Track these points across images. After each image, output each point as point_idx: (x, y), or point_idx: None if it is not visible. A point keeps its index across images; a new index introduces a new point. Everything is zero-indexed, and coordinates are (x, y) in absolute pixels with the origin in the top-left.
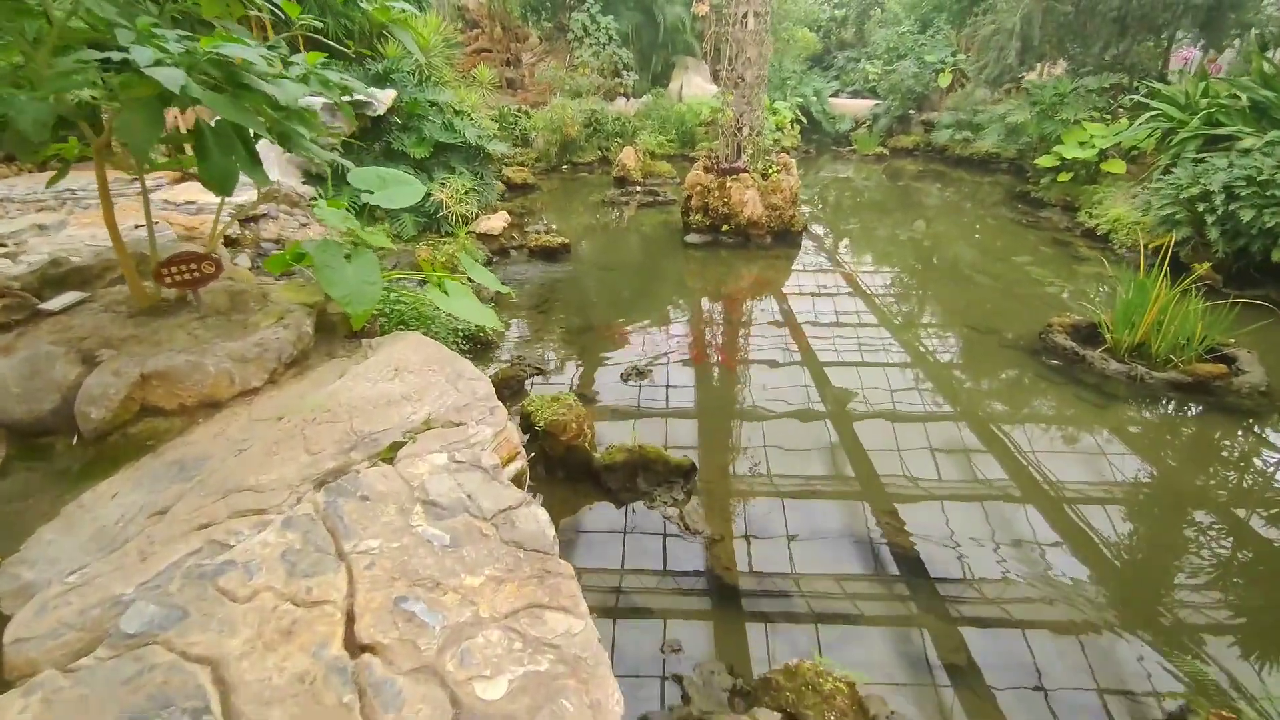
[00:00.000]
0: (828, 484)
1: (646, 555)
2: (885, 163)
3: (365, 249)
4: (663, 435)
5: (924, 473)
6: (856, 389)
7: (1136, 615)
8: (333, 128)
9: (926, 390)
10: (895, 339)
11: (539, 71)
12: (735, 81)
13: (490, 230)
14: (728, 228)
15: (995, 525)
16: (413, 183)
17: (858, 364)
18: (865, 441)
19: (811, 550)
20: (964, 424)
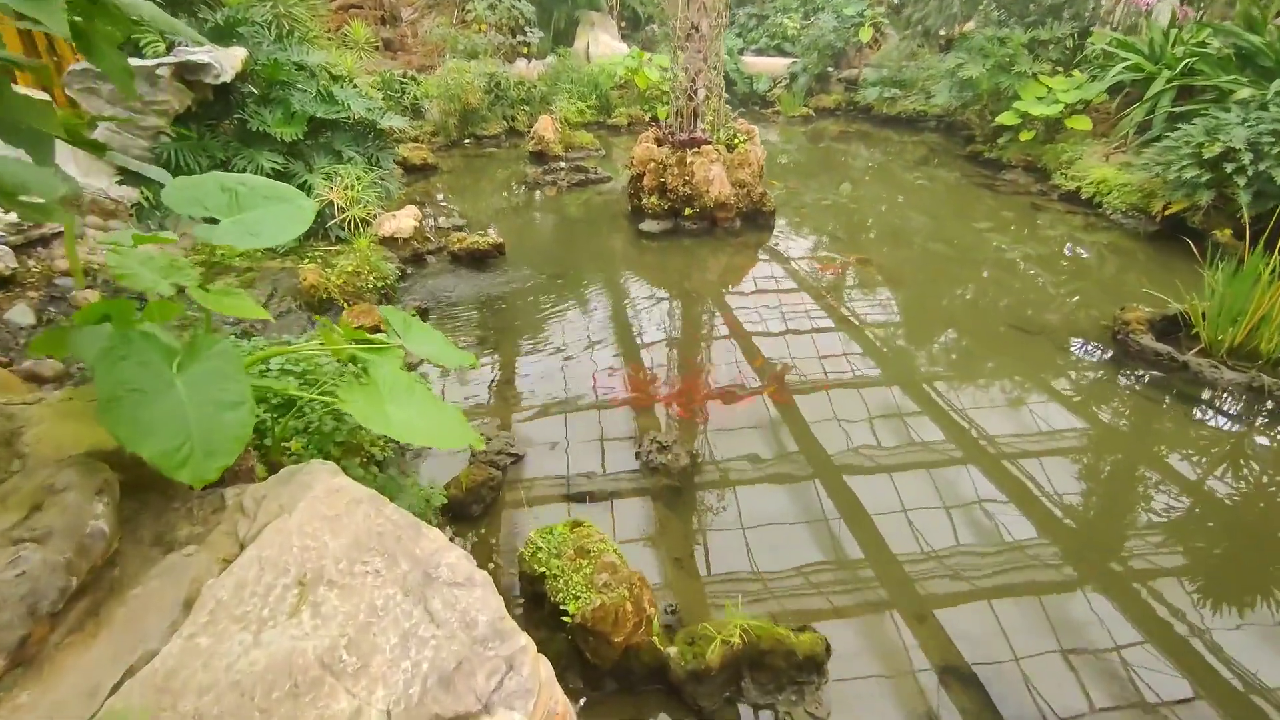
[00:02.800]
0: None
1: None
2: (811, 124)
3: (210, 338)
4: (744, 556)
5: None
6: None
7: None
8: (155, 102)
9: (1047, 443)
10: (935, 356)
11: (424, 30)
12: (688, 32)
13: (398, 232)
14: (690, 211)
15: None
16: (290, 196)
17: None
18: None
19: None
20: (1110, 474)
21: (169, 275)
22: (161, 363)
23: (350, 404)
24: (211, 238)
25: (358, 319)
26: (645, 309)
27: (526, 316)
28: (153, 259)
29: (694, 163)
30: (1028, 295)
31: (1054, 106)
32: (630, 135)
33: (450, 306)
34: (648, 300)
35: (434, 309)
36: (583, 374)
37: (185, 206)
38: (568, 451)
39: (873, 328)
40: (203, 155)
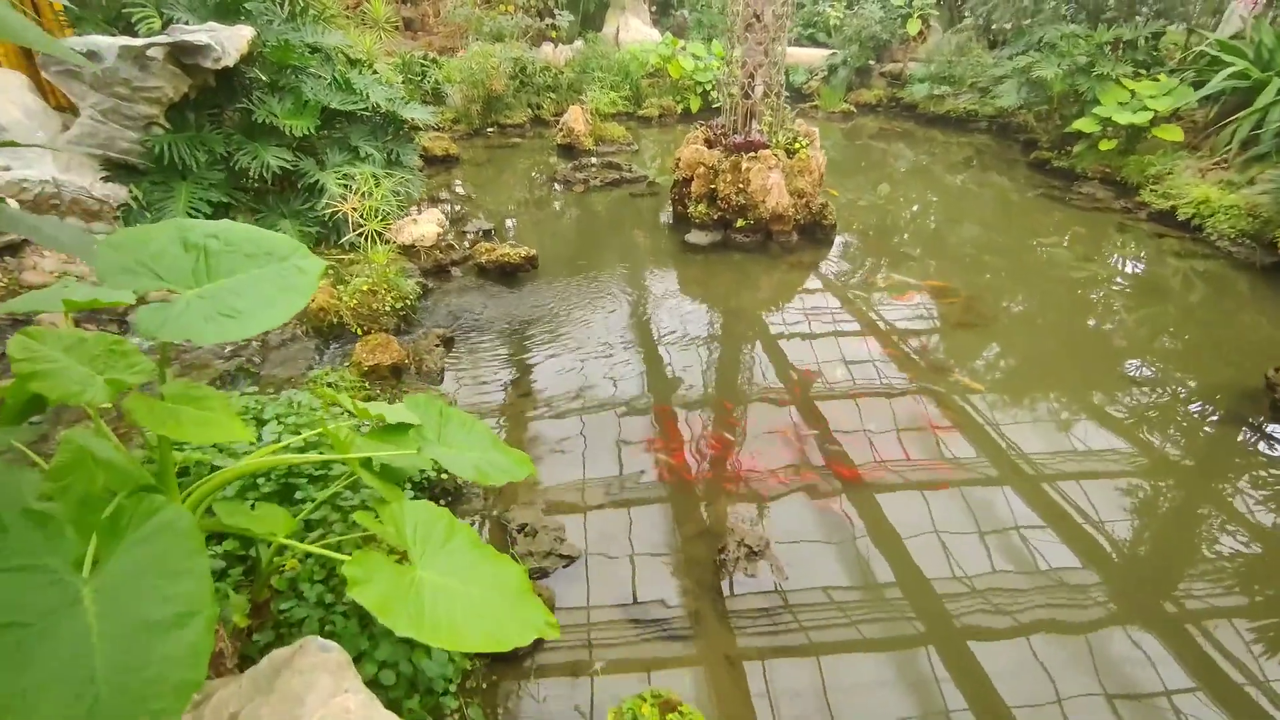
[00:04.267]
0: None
1: None
2: (851, 121)
3: (148, 501)
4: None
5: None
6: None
7: None
8: (145, 89)
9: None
10: (1054, 430)
11: (446, 9)
12: (748, 22)
13: (419, 241)
14: (743, 223)
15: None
16: (283, 251)
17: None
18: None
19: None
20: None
21: (107, 367)
22: (62, 564)
23: (365, 588)
24: (160, 328)
25: (373, 355)
26: (701, 345)
27: (566, 350)
28: (84, 342)
29: (750, 169)
30: (1137, 336)
31: (1141, 114)
32: (661, 128)
33: (477, 334)
34: (704, 335)
35: (459, 336)
36: (638, 430)
37: (126, 276)
38: (633, 559)
39: (968, 385)
40: (200, 150)
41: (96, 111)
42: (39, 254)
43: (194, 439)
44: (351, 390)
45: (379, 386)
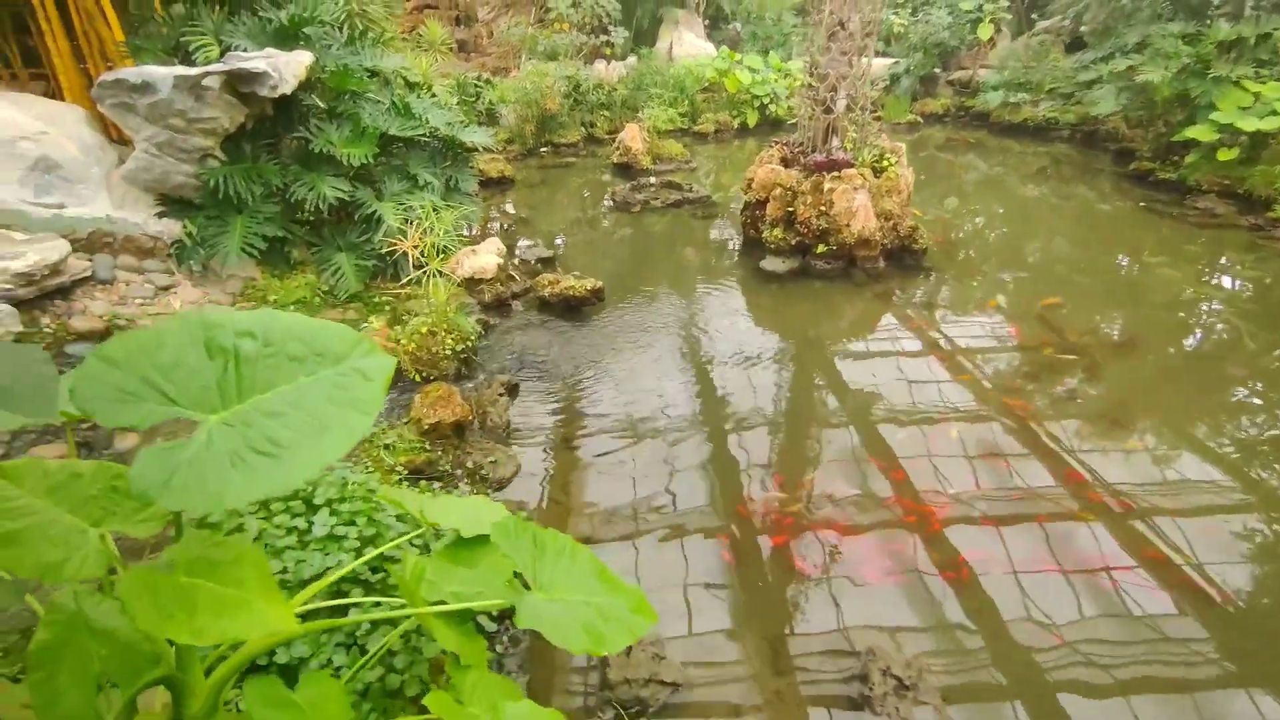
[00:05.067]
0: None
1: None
2: (917, 132)
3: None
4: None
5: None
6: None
7: None
8: (200, 120)
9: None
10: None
11: (500, 30)
12: (831, 31)
13: (479, 273)
14: (824, 248)
15: None
16: (339, 350)
17: None
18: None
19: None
20: None
21: (106, 514)
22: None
23: None
24: (166, 487)
25: (434, 411)
26: (797, 393)
27: (644, 397)
28: (78, 479)
29: (833, 190)
30: (1259, 365)
31: (1270, 119)
32: (718, 143)
33: (544, 379)
34: (791, 380)
35: (524, 381)
36: (725, 506)
37: (125, 404)
38: (747, 686)
39: (1099, 460)
40: (256, 182)
41: (151, 145)
42: (90, 296)
43: (211, 636)
44: (410, 452)
45: (440, 446)
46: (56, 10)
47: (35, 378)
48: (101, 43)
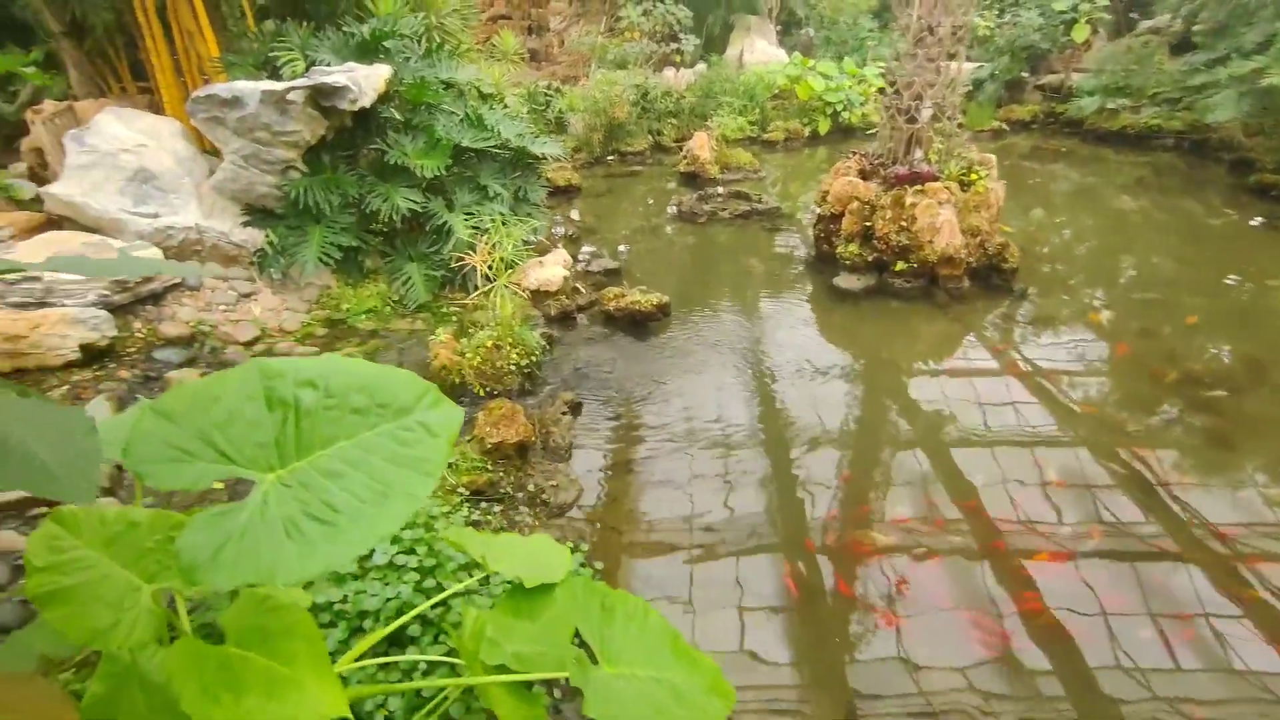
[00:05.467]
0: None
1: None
2: (1002, 140)
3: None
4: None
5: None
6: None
7: None
8: (284, 133)
9: None
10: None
11: (571, 39)
12: (918, 36)
13: (545, 285)
14: (904, 266)
15: None
16: (403, 401)
17: None
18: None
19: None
20: None
21: (160, 569)
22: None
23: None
24: (214, 563)
25: (497, 430)
26: (868, 417)
27: (710, 419)
28: (134, 528)
29: (915, 205)
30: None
31: None
32: (787, 152)
33: (607, 399)
34: (866, 406)
35: (587, 399)
36: (808, 547)
37: (177, 463)
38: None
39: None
40: (334, 193)
41: (238, 157)
42: (178, 302)
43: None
44: (473, 472)
45: (503, 467)
46: (161, 28)
47: (77, 453)
48: (199, 58)
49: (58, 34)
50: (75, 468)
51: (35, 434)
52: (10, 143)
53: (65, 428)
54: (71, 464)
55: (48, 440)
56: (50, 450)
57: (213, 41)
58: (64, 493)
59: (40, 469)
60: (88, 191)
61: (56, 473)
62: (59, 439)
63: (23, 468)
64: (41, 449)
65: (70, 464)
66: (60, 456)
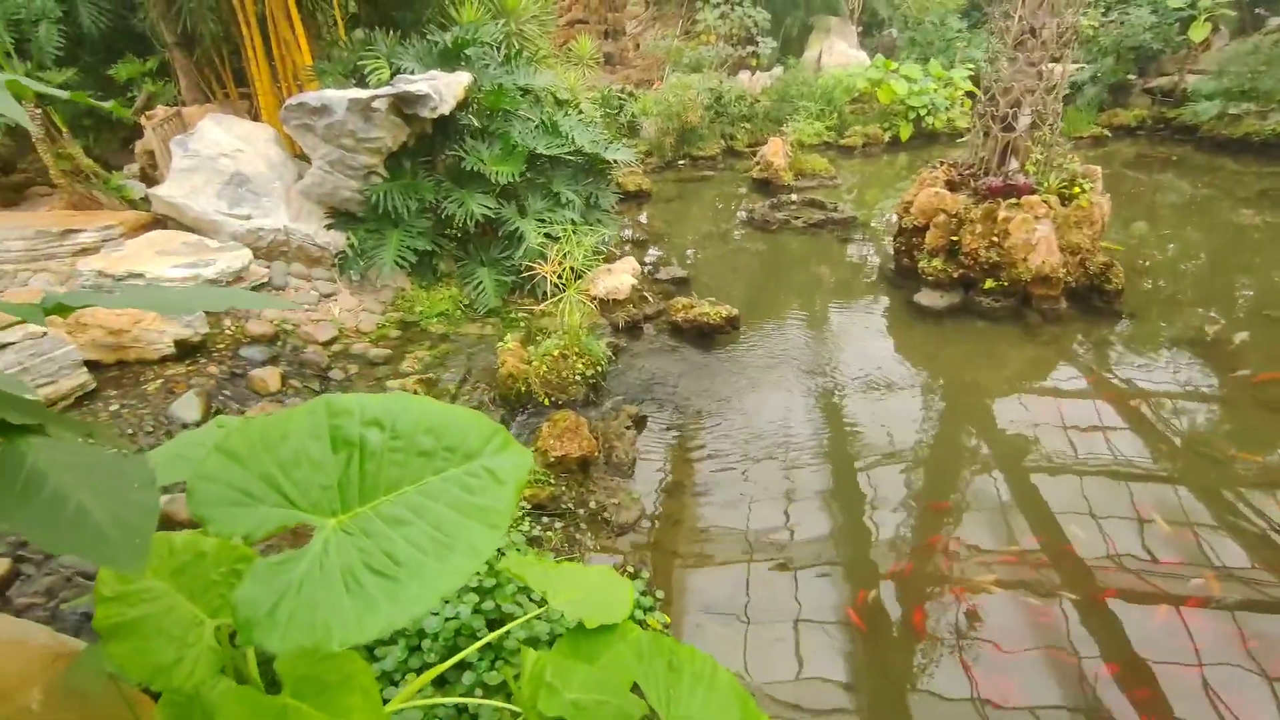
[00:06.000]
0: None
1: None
2: (1103, 147)
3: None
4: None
5: None
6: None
7: None
8: (368, 139)
9: None
10: None
11: (647, 43)
12: (1018, 39)
13: (613, 293)
14: (993, 283)
15: None
16: (470, 446)
17: None
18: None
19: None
20: None
21: (225, 603)
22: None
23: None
24: (270, 620)
25: (561, 442)
26: (948, 445)
27: (778, 441)
28: (202, 558)
29: (1009, 219)
30: None
31: None
32: (865, 158)
33: (671, 412)
34: (951, 433)
35: (651, 413)
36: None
37: (241, 507)
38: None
39: None
40: (412, 198)
41: (325, 162)
42: (270, 294)
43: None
44: (535, 485)
45: (565, 481)
46: (261, 39)
47: (133, 510)
48: (295, 66)
49: (171, 44)
50: (129, 528)
51: (91, 486)
52: (126, 145)
53: (122, 479)
54: (126, 524)
55: (103, 494)
56: (105, 507)
57: (307, 50)
58: (115, 560)
59: (93, 531)
60: (189, 194)
61: (109, 533)
62: (115, 493)
63: (74, 528)
64: (96, 505)
65: (124, 523)
66: (114, 514)
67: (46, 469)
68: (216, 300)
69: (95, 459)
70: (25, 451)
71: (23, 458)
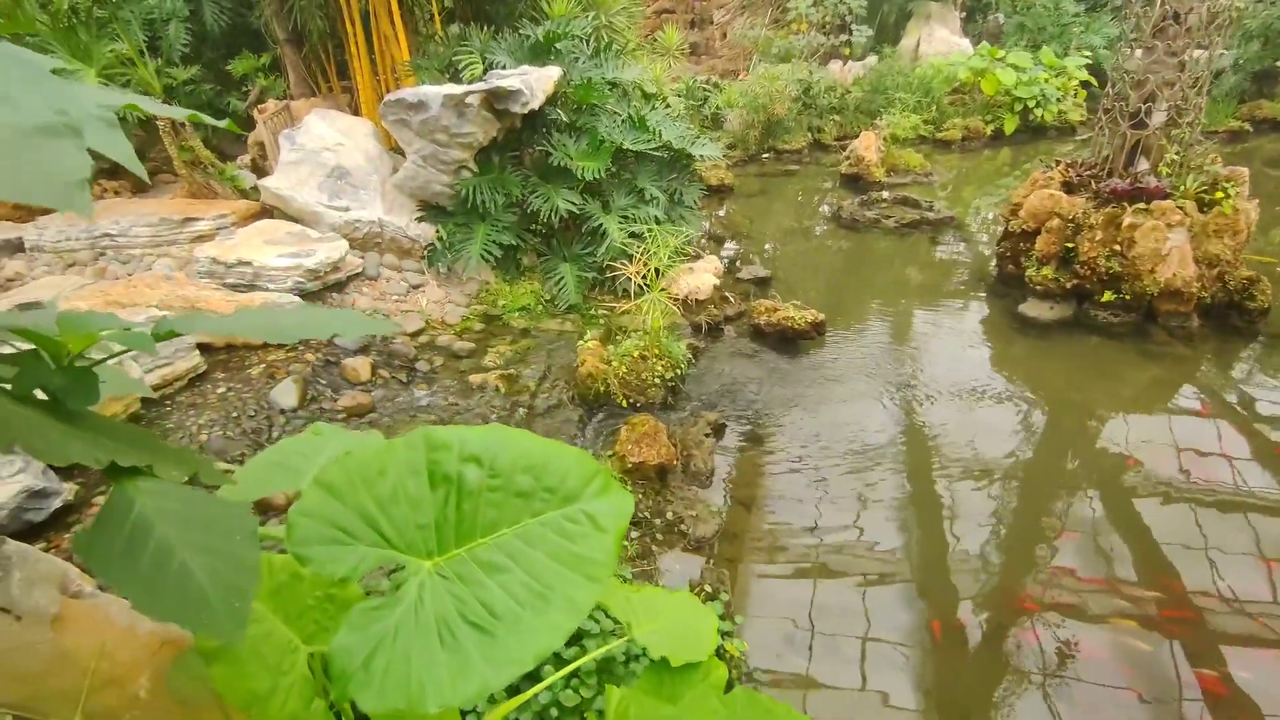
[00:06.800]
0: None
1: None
2: (1243, 142)
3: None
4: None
5: None
6: None
7: None
8: (460, 134)
9: None
10: None
11: (734, 32)
12: (1158, 25)
13: (694, 293)
14: (1112, 296)
15: None
16: (569, 488)
17: None
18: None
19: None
20: None
21: (319, 629)
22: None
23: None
24: (363, 675)
25: (638, 449)
26: (1050, 473)
27: (865, 457)
28: (298, 581)
29: (1135, 226)
30: None
31: None
32: (963, 153)
33: (752, 421)
34: (1054, 462)
35: (730, 421)
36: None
37: (337, 544)
38: None
39: None
40: (500, 193)
41: (419, 157)
42: (358, 291)
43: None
44: None
45: (642, 489)
46: (363, 34)
47: (235, 569)
48: (393, 61)
49: (282, 41)
50: (231, 589)
51: (193, 541)
52: (239, 136)
53: (225, 530)
54: (228, 584)
55: (206, 550)
56: (207, 565)
57: (405, 46)
58: (216, 629)
59: (196, 595)
60: (294, 186)
61: (211, 598)
62: (217, 548)
63: (177, 592)
64: (198, 564)
65: (226, 584)
66: (216, 572)
67: (153, 518)
68: (323, 326)
69: (199, 507)
70: (134, 498)
71: (130, 505)
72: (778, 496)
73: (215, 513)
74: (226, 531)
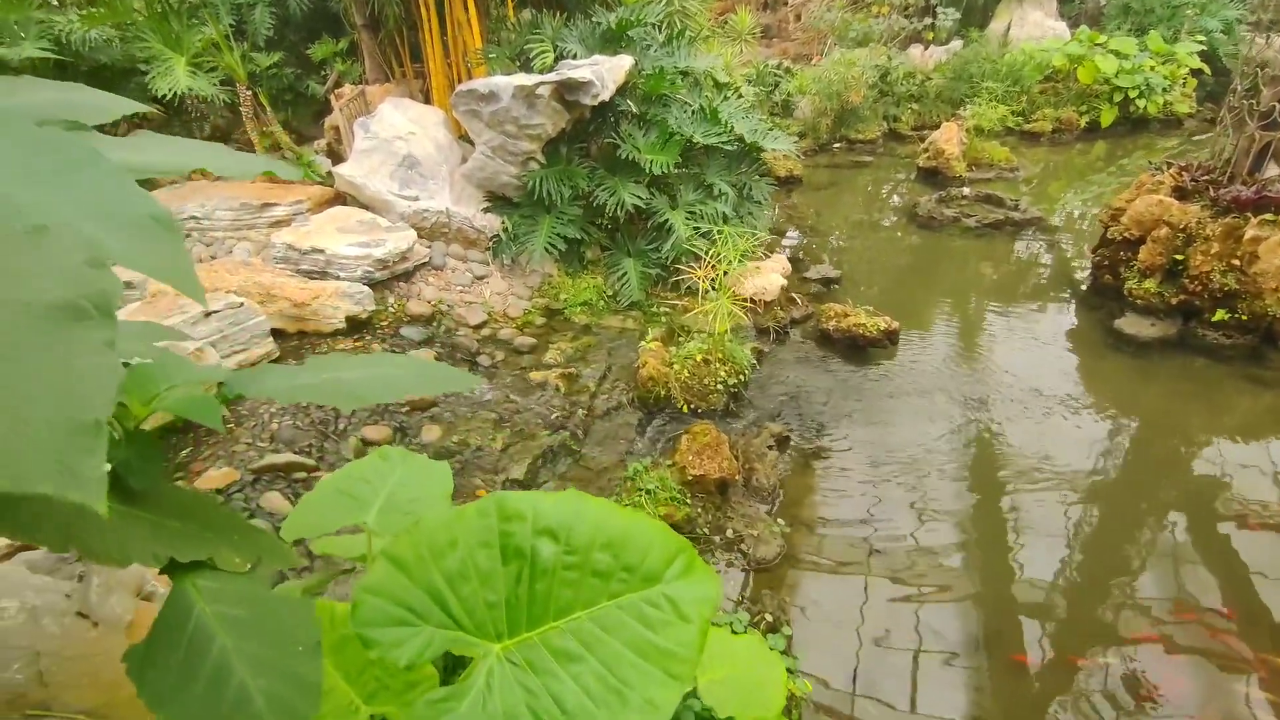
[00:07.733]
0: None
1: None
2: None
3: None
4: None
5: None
6: None
7: None
8: (529, 126)
9: None
10: None
11: (810, 14)
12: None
13: (760, 294)
14: (1224, 315)
15: None
16: (648, 567)
17: None
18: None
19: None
20: None
21: (380, 688)
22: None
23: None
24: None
25: (699, 461)
26: (1140, 511)
27: (936, 481)
28: (390, 672)
29: (1260, 239)
30: None
31: None
32: (1052, 145)
33: (819, 435)
34: (1146, 494)
35: (796, 434)
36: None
37: (404, 625)
38: None
39: None
40: (566, 185)
41: (488, 147)
42: (425, 281)
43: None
44: (670, 504)
45: (701, 503)
46: (437, 20)
47: (295, 691)
48: (465, 47)
49: (359, 26)
50: (290, 716)
51: (252, 654)
52: (318, 118)
53: (286, 638)
54: (286, 708)
55: (265, 665)
56: (265, 685)
57: (478, 32)
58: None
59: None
60: (366, 174)
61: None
62: (277, 661)
63: (233, 714)
64: (256, 684)
65: (285, 707)
66: (276, 699)
67: (214, 627)
68: (396, 388)
69: (259, 606)
70: (194, 603)
71: (189, 610)
72: (843, 519)
73: (276, 615)
74: (288, 641)
